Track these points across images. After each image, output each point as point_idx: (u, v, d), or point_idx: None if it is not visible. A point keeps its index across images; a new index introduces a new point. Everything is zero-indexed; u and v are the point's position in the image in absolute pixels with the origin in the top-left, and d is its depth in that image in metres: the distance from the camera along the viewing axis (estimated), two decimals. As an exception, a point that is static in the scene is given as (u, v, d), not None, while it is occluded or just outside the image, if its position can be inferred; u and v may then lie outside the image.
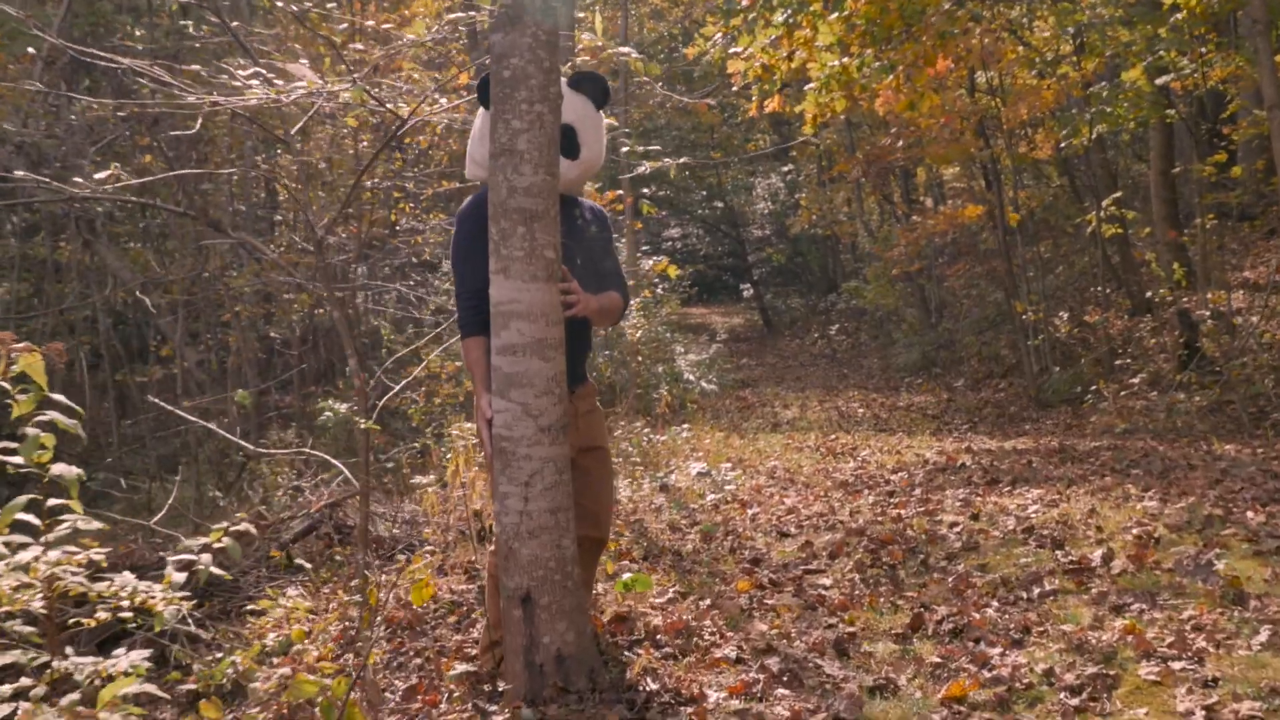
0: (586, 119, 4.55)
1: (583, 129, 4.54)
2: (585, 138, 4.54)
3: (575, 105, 4.49)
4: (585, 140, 4.54)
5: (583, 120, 4.53)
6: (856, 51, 11.62)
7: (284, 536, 6.98)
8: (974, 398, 17.00)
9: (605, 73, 16.27)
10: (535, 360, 4.11)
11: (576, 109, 4.50)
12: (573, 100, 4.49)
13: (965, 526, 6.90)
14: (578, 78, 4.59)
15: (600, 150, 4.63)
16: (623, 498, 8.59)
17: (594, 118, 4.58)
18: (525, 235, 4.09)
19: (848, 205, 27.60)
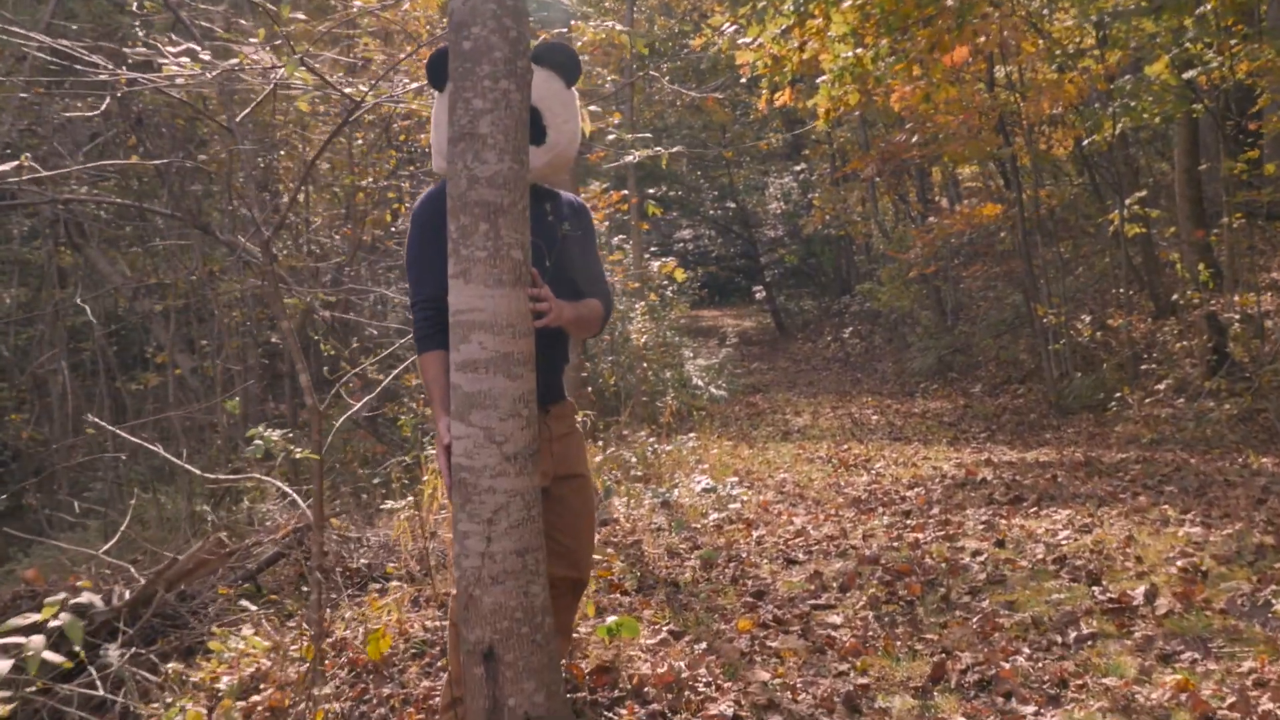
0: (554, 97, 3.93)
1: (550, 109, 3.93)
2: (553, 119, 3.93)
3: (539, 82, 3.87)
4: (552, 122, 3.93)
5: (550, 99, 3.92)
6: (871, 42, 11.10)
7: (249, 565, 6.42)
8: (992, 404, 16.42)
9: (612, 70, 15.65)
10: (499, 378, 3.54)
11: (540, 86, 3.88)
12: (539, 76, 3.88)
13: (989, 554, 6.32)
14: (541, 50, 3.95)
15: (573, 133, 4.01)
16: (620, 515, 8.03)
17: (563, 95, 3.97)
18: (489, 233, 3.52)
19: (862, 205, 27.08)
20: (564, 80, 3.96)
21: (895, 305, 23.20)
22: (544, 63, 3.92)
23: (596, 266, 4.15)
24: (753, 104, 25.69)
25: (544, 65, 3.92)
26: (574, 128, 4.00)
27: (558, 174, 4.09)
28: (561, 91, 3.96)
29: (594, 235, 4.20)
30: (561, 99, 3.95)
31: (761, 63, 11.43)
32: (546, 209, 3.94)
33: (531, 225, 3.77)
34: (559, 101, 3.94)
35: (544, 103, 3.90)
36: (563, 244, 3.97)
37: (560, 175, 4.14)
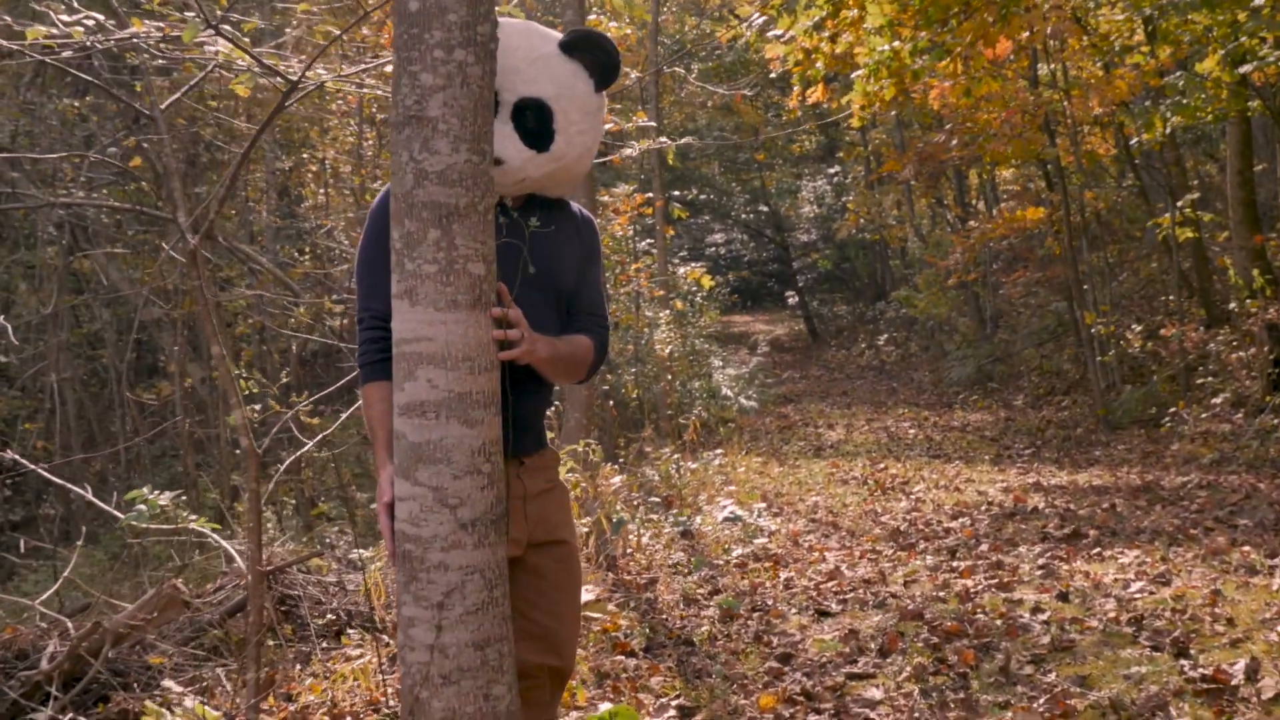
0: (575, 98, 3.13)
1: (564, 112, 3.10)
2: (565, 124, 3.10)
3: (561, 75, 3.09)
4: (564, 128, 3.10)
5: (568, 99, 3.11)
6: (909, 34, 10.39)
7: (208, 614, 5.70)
8: (1035, 417, 15.63)
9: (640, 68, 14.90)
10: (453, 425, 2.79)
11: (562, 80, 3.08)
12: (560, 67, 3.10)
13: (1052, 611, 5.52)
14: (576, 39, 3.14)
15: (586, 148, 3.20)
16: (632, 542, 7.29)
17: (587, 99, 3.16)
18: (440, 241, 2.77)
19: (897, 208, 26.34)
20: (595, 81, 3.16)
21: (932, 312, 22.47)
22: (575, 54, 3.10)
23: (596, 295, 3.34)
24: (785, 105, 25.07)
25: (574, 57, 3.11)
26: (589, 141, 3.19)
27: (558, 189, 3.31)
28: (586, 94, 3.16)
29: (599, 256, 3.39)
30: (583, 103, 3.15)
31: (792, 57, 10.75)
32: (529, 218, 3.16)
33: (504, 232, 3.04)
34: (579, 105, 3.14)
35: (560, 102, 3.10)
36: (549, 259, 3.20)
37: (561, 190, 3.35)
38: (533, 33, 3.18)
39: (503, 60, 3.03)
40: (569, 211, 3.32)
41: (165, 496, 3.85)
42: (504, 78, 3.04)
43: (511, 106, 3.07)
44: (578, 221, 3.32)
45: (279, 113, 3.91)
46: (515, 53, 3.08)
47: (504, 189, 3.13)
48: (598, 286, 3.33)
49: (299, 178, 15.24)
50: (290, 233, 16.38)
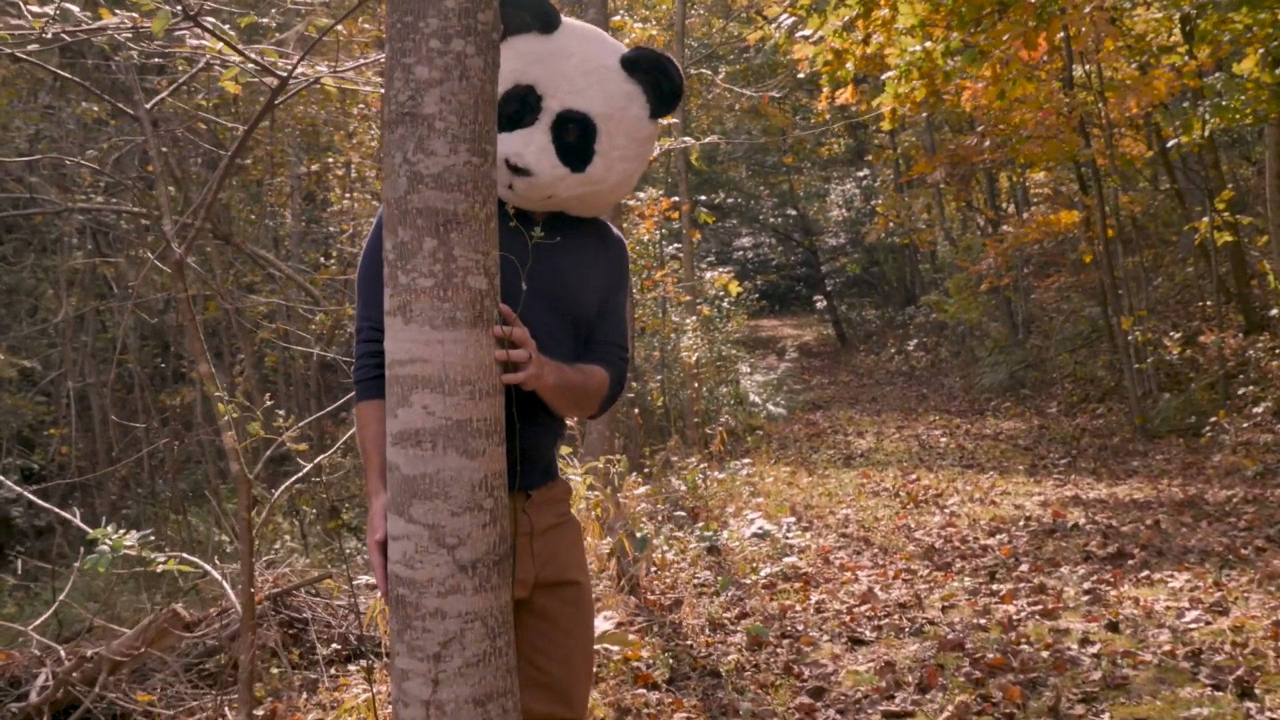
0: (625, 121, 2.83)
1: (610, 133, 2.82)
2: (609, 146, 2.81)
3: (616, 93, 2.81)
4: (605, 149, 2.81)
5: (618, 121, 2.82)
6: (942, 35, 10.12)
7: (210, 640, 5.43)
8: (1069, 425, 15.27)
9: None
10: (451, 456, 2.50)
11: (615, 98, 2.81)
12: (616, 85, 2.82)
13: (1102, 642, 5.20)
14: (638, 57, 2.85)
15: (627, 175, 2.90)
16: (657, 556, 6.99)
17: (639, 125, 2.86)
18: (437, 252, 2.48)
19: (927, 212, 25.99)
20: (650, 107, 2.86)
21: (963, 317, 22.14)
22: (636, 74, 2.82)
23: (618, 324, 3.05)
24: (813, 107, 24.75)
25: (634, 77, 2.83)
26: (630, 171, 2.90)
27: (586, 211, 3.00)
28: (639, 120, 2.86)
29: (626, 284, 3.07)
30: (633, 128, 2.85)
31: (821, 58, 10.48)
32: (545, 232, 2.84)
33: (511, 246, 2.74)
34: (628, 130, 2.84)
35: (608, 122, 2.81)
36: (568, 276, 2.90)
37: (589, 212, 3.03)
38: (595, 40, 2.87)
39: (556, 64, 2.78)
40: (601, 231, 3.02)
41: (132, 536, 3.57)
42: (552, 83, 2.78)
43: (554, 116, 2.78)
44: (609, 243, 3.01)
45: (268, 112, 3.64)
46: (571, 59, 2.80)
47: (525, 202, 2.84)
48: (621, 316, 3.03)
49: (324, 182, 15.05)
50: (316, 237, 16.22)
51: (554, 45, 2.81)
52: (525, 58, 2.82)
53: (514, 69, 2.81)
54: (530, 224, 2.82)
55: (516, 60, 2.82)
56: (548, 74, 2.78)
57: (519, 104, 2.81)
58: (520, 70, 2.81)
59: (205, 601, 6.43)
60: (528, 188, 2.78)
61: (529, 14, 2.83)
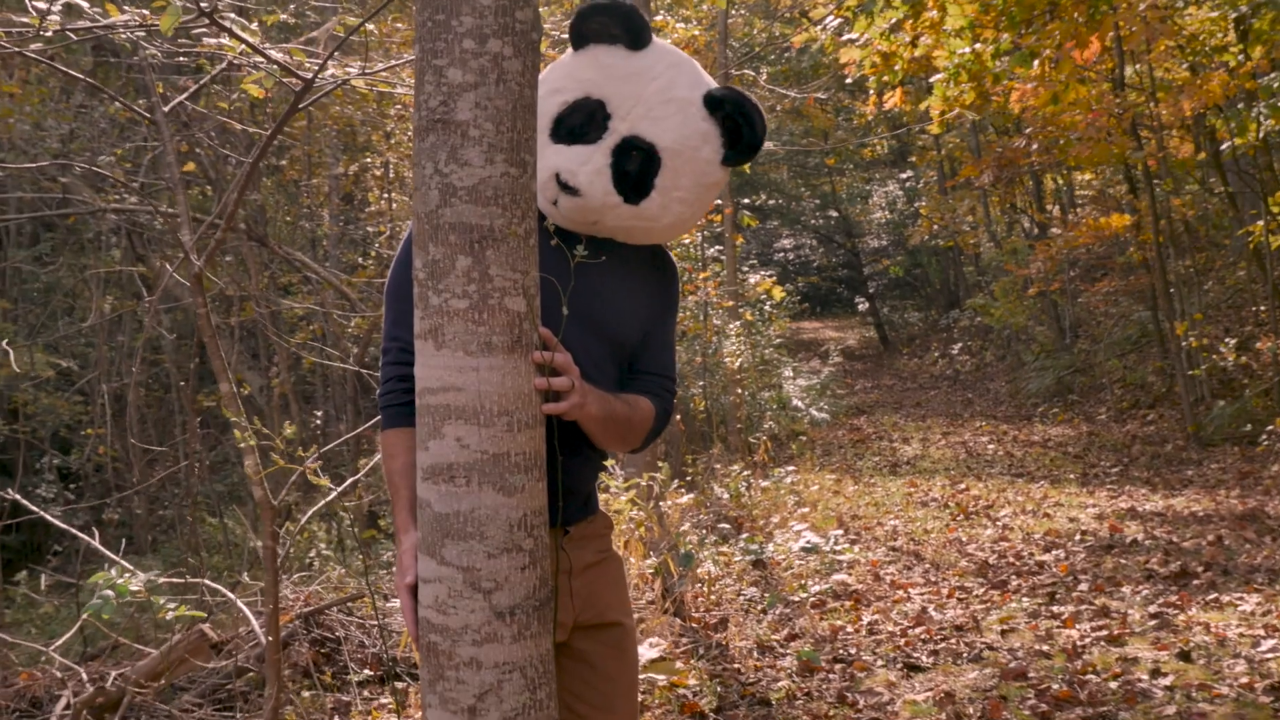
0: (692, 159, 2.58)
1: (676, 170, 2.58)
2: (671, 182, 2.58)
3: (691, 129, 2.57)
4: (666, 185, 2.58)
5: (685, 156, 2.57)
6: (991, 37, 9.88)
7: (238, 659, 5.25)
8: (1120, 432, 14.95)
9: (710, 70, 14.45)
10: (488, 492, 2.30)
11: (689, 135, 2.57)
12: (693, 121, 2.58)
13: (1174, 673, 4.95)
14: (726, 97, 2.60)
15: (682, 219, 2.66)
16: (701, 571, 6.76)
17: (705, 168, 2.61)
18: (471, 271, 2.28)
19: (971, 214, 25.68)
20: (724, 153, 2.62)
21: (1009, 321, 21.82)
22: (716, 113, 2.59)
23: (666, 353, 2.83)
24: (856, 108, 24.50)
25: (714, 116, 2.59)
26: (687, 215, 2.67)
27: (630, 242, 2.77)
28: (709, 164, 2.62)
29: (676, 309, 2.86)
30: (700, 172, 2.62)
31: (869, 61, 10.26)
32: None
33: (554, 266, 2.53)
34: (695, 172, 2.61)
35: (676, 159, 2.58)
36: (613, 299, 2.68)
37: (633, 241, 2.80)
38: (684, 68, 2.63)
39: (635, 84, 2.56)
40: (651, 250, 2.79)
41: (138, 580, 3.37)
42: (626, 103, 2.56)
43: (620, 139, 2.55)
44: (659, 264, 2.79)
45: (291, 115, 3.45)
46: (653, 82, 2.57)
47: (568, 223, 2.62)
48: (670, 344, 2.81)
49: (362, 182, 14.93)
50: (354, 238, 16.10)
51: (638, 64, 2.58)
52: (604, 70, 2.60)
53: (588, 80, 2.60)
54: (573, 242, 2.60)
55: (594, 71, 2.60)
56: (624, 93, 2.56)
57: (585, 118, 2.58)
58: (595, 83, 2.59)
59: (237, 619, 6.24)
60: (574, 208, 2.57)
61: (619, 25, 2.60)
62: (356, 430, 5.11)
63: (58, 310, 17.98)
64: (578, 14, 2.64)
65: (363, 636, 5.78)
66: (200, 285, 3.42)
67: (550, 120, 2.62)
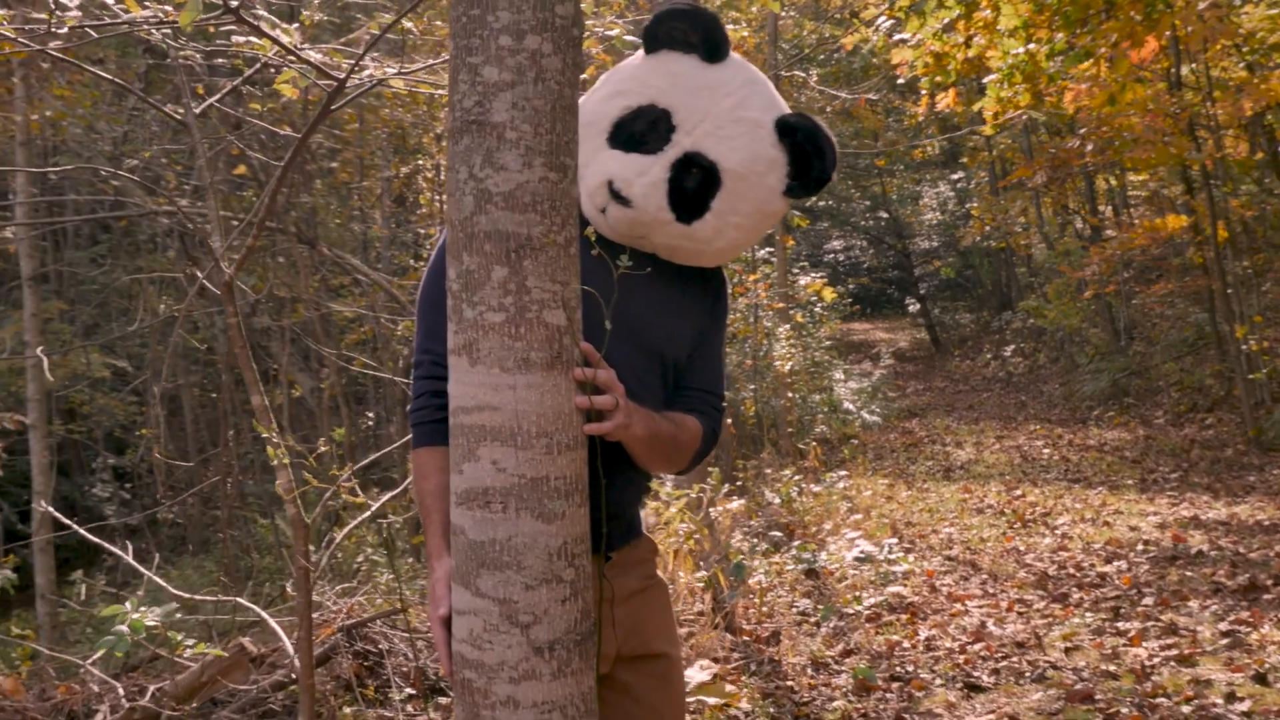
0: (755, 185, 2.43)
1: (734, 191, 2.42)
2: (727, 206, 2.42)
3: (759, 155, 2.42)
4: (724, 208, 2.42)
5: (748, 181, 2.42)
6: (1046, 36, 9.69)
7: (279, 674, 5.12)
8: (1177, 436, 14.67)
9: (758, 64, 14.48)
10: (526, 519, 2.15)
11: (755, 160, 2.42)
12: (762, 146, 2.43)
13: (1251, 697, 4.75)
14: (799, 124, 2.45)
15: (735, 245, 2.51)
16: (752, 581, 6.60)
17: (767, 197, 2.46)
18: (508, 282, 2.13)
19: (1023, 215, 25.38)
20: (788, 184, 2.48)
21: (1063, 323, 21.53)
22: (786, 140, 2.44)
23: (715, 369, 2.67)
24: (906, 109, 24.25)
25: (784, 143, 2.44)
26: (739, 242, 2.52)
27: (675, 260, 2.61)
28: (771, 193, 2.48)
29: (725, 320, 2.70)
30: (762, 200, 2.47)
31: (921, 62, 10.08)
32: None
33: (595, 276, 2.37)
34: (755, 200, 2.46)
35: (740, 182, 2.43)
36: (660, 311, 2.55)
37: (679, 262, 2.63)
38: (757, 87, 2.48)
39: (706, 98, 2.41)
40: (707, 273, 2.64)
41: (155, 614, 3.24)
42: (693, 117, 2.41)
43: (681, 153, 2.40)
44: (707, 275, 2.63)
45: (324, 117, 3.32)
46: (725, 98, 2.42)
47: (614, 234, 2.47)
48: (718, 359, 2.65)
49: (413, 184, 14.88)
50: (405, 240, 16.06)
51: (712, 77, 2.44)
52: (674, 79, 2.44)
53: (656, 87, 2.44)
54: (615, 252, 2.44)
55: (663, 79, 2.45)
56: (692, 105, 2.41)
57: (647, 126, 2.43)
58: (662, 91, 2.44)
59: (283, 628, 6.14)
60: (624, 220, 2.41)
61: (698, 34, 2.45)
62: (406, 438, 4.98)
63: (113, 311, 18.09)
64: (655, 16, 2.50)
65: (407, 649, 5.66)
66: (231, 293, 3.30)
67: (610, 124, 2.47)
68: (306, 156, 12.63)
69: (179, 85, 3.74)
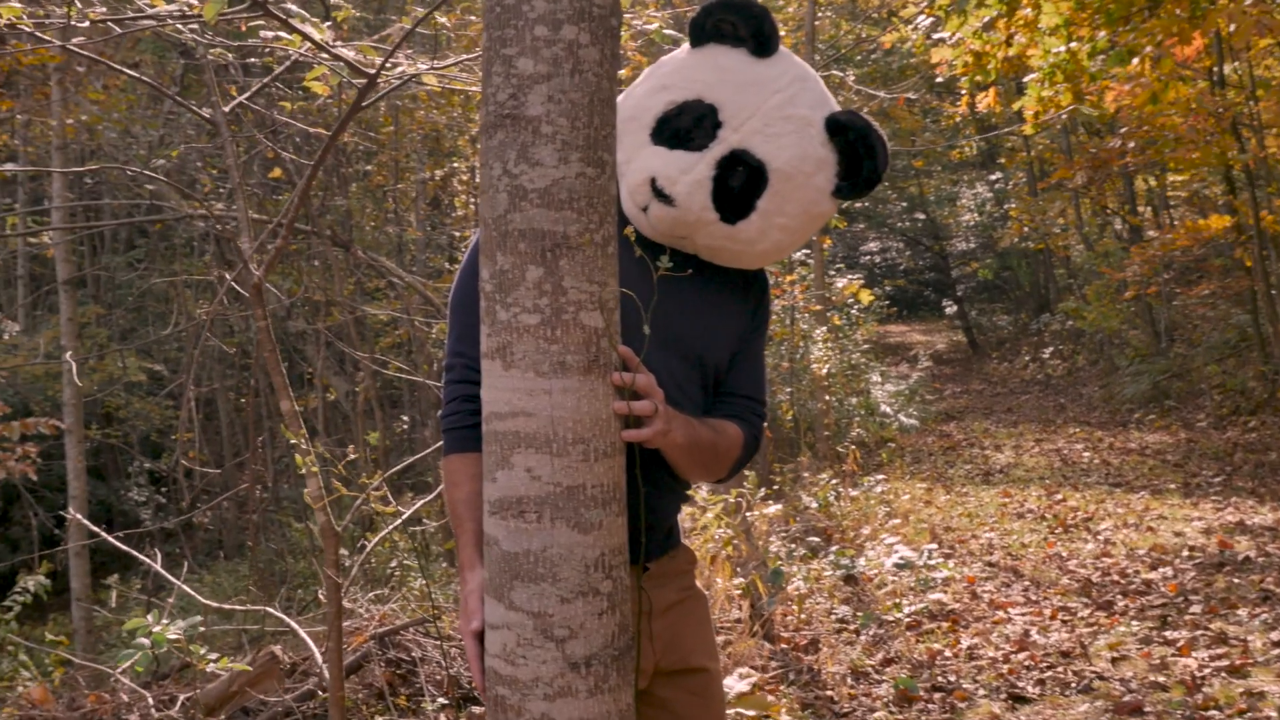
0: (803, 185, 2.34)
1: (781, 192, 2.33)
2: (773, 206, 2.33)
3: (807, 154, 2.33)
4: (770, 209, 2.33)
5: (795, 181, 2.32)
6: (1088, 35, 9.55)
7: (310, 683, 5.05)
8: (1220, 439, 14.47)
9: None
10: (561, 529, 2.07)
11: (804, 160, 2.33)
12: (811, 145, 2.33)
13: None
14: (849, 122, 2.34)
15: (779, 247, 2.41)
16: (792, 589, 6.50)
17: (814, 198, 2.36)
18: (543, 283, 2.05)
19: (1062, 216, 25.17)
20: (837, 184, 2.39)
21: (1102, 325, 21.32)
22: (835, 139, 2.36)
23: (757, 374, 2.58)
24: (944, 109, 24.10)
25: (834, 142, 2.36)
26: (784, 244, 2.43)
27: (716, 261, 2.52)
28: (819, 194, 2.39)
29: (767, 325, 2.62)
30: (809, 201, 2.38)
31: (961, 61, 9.96)
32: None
33: (633, 276, 2.28)
34: (803, 201, 2.37)
35: (787, 182, 2.34)
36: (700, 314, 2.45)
37: (721, 263, 2.54)
38: (808, 83, 2.38)
39: (754, 94, 2.31)
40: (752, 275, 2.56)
41: (177, 627, 3.17)
42: (741, 113, 2.31)
43: (728, 150, 2.31)
44: (749, 277, 2.54)
45: (356, 112, 3.25)
46: (774, 94, 2.32)
47: (653, 233, 2.38)
48: (760, 364, 2.56)
49: (449, 187, 14.84)
50: (440, 243, 16.03)
51: (761, 73, 2.34)
52: (722, 73, 2.35)
53: (702, 81, 2.35)
54: (655, 253, 2.35)
55: (710, 72, 2.35)
56: (740, 101, 2.31)
57: (693, 122, 2.34)
58: (709, 85, 2.34)
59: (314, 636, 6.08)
60: (666, 219, 2.32)
61: (747, 27, 2.35)
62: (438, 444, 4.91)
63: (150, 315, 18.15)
64: (703, 8, 2.41)
65: (439, 657, 5.58)
66: (260, 295, 3.23)
67: (653, 119, 2.38)
68: (342, 159, 12.60)
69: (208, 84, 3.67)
